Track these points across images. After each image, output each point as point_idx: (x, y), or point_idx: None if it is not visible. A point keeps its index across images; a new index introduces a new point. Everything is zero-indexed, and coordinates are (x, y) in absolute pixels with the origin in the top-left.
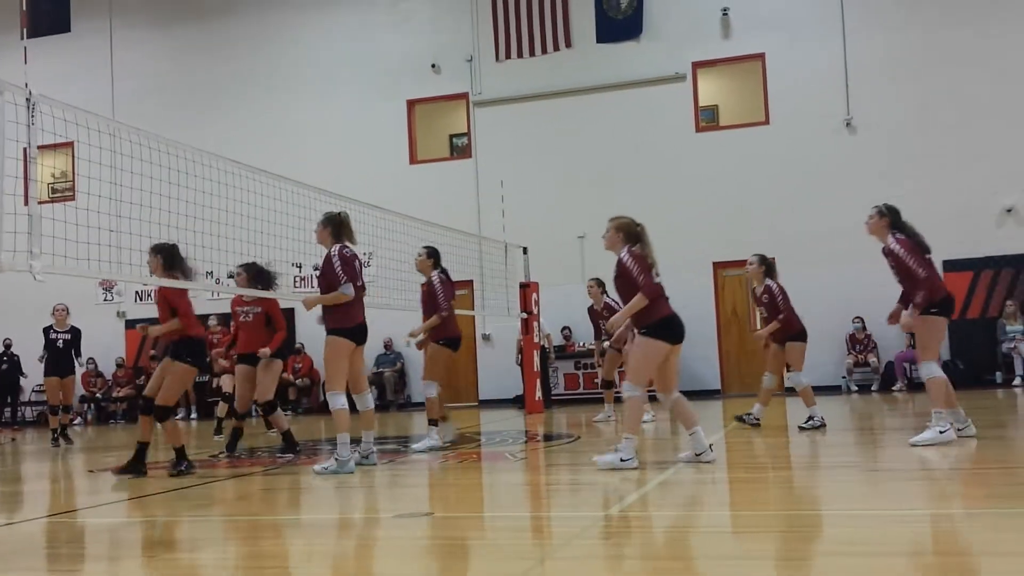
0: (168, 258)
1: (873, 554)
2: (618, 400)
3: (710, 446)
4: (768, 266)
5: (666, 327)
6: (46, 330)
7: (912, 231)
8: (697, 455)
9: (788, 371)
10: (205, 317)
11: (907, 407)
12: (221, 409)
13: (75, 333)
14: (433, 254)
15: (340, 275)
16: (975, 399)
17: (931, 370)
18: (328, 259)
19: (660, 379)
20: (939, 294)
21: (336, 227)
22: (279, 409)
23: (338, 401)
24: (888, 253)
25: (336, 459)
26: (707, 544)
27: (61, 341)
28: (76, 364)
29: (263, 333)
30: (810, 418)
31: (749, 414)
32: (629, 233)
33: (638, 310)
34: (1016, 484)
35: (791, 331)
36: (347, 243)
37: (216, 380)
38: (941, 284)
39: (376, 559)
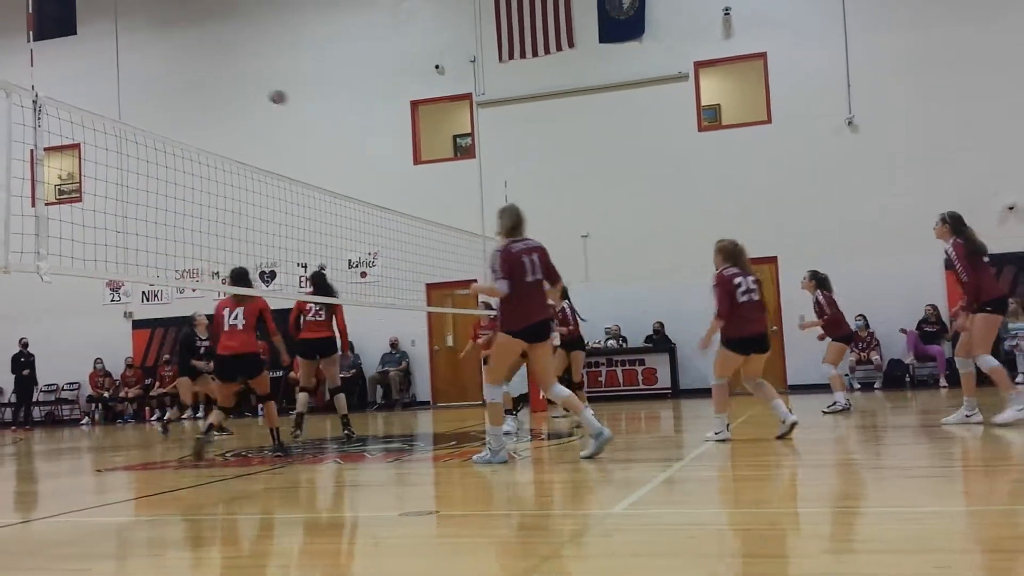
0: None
1: (876, 551)
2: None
3: (789, 411)
4: (818, 280)
5: (742, 343)
6: (189, 336)
7: (971, 236)
8: (783, 421)
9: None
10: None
11: (910, 405)
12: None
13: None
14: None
15: (496, 272)
16: (977, 396)
17: (988, 362)
18: (492, 255)
19: (746, 372)
20: (990, 294)
21: (504, 219)
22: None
23: (495, 394)
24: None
25: (489, 448)
26: (709, 542)
27: (203, 348)
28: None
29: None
30: (834, 403)
31: (835, 404)
32: (727, 255)
33: (724, 325)
34: (1019, 481)
35: (837, 332)
36: (518, 239)
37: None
38: (993, 285)
39: (382, 557)
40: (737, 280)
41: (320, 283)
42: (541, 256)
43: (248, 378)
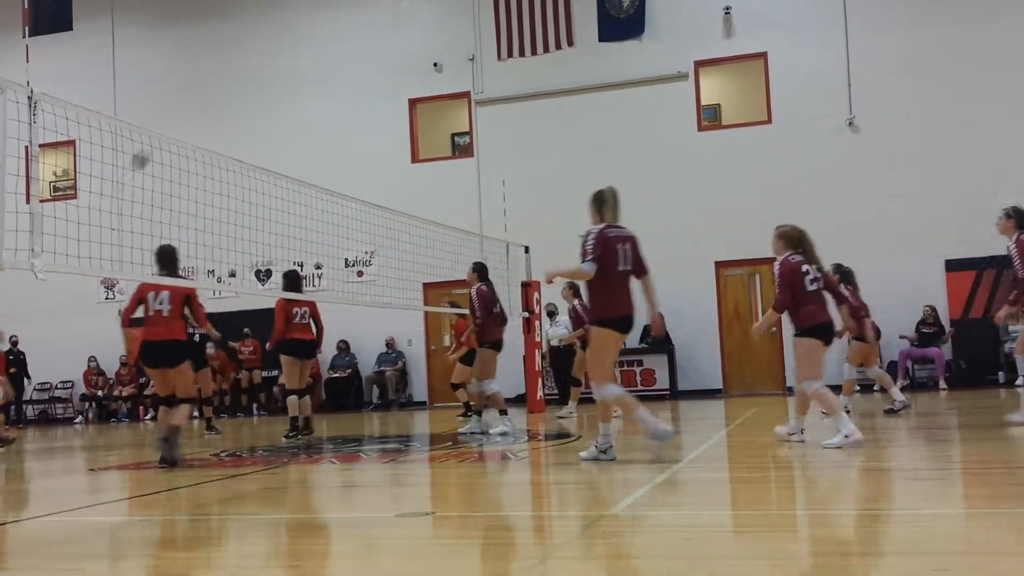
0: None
1: (874, 554)
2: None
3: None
4: (842, 274)
5: (818, 331)
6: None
7: None
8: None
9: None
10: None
11: (910, 407)
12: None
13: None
14: (477, 268)
15: (587, 253)
16: (978, 399)
17: None
18: (584, 239)
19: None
20: None
21: (598, 204)
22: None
23: (605, 392)
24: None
25: (595, 446)
26: (708, 543)
27: (198, 336)
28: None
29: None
30: (894, 399)
31: (893, 402)
32: (790, 240)
33: (796, 317)
34: (1019, 484)
35: (856, 332)
36: (612, 224)
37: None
38: None
39: (378, 558)
40: (805, 268)
41: (296, 281)
42: (632, 246)
43: (167, 367)
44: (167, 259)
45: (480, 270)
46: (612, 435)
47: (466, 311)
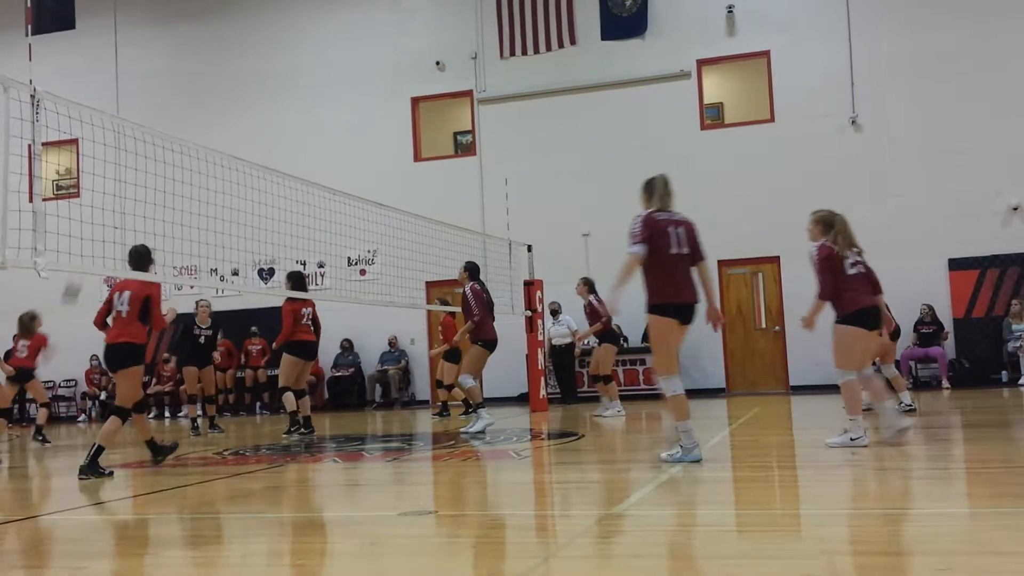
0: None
1: (877, 553)
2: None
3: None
4: None
5: (860, 317)
6: (189, 326)
7: None
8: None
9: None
10: (215, 315)
11: (914, 406)
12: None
13: (215, 329)
14: (469, 268)
15: (634, 236)
16: (980, 398)
17: None
18: (631, 225)
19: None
20: None
21: (648, 190)
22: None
23: (672, 386)
24: None
25: (681, 446)
26: (710, 543)
27: (203, 337)
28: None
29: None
30: (900, 401)
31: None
32: (827, 225)
33: (836, 303)
34: (1021, 483)
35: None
36: (660, 208)
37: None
38: None
39: (380, 557)
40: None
41: (300, 281)
42: (688, 230)
43: (112, 370)
44: (137, 260)
45: (472, 269)
46: (693, 435)
47: (455, 309)
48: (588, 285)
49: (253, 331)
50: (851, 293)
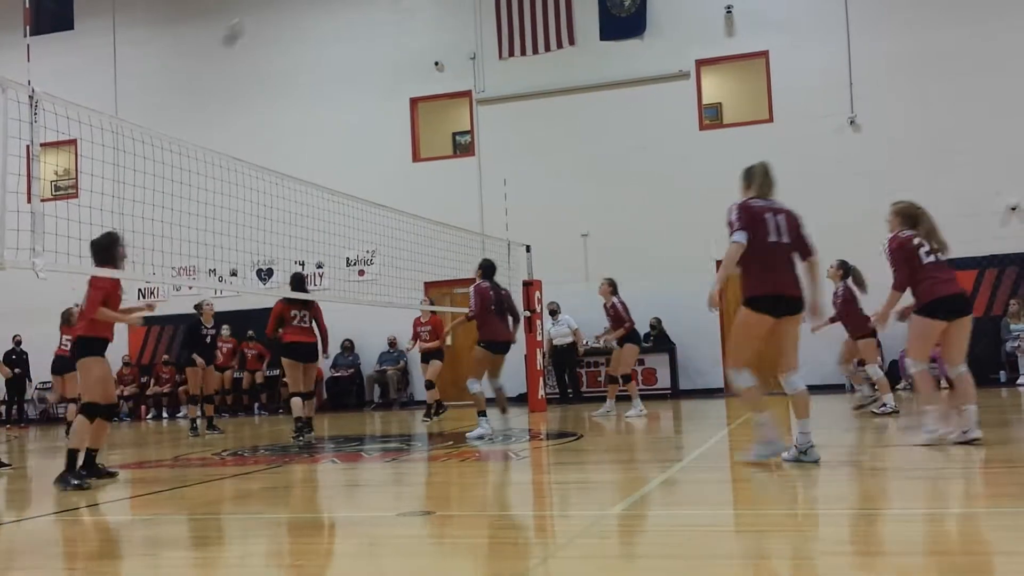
0: None
1: (875, 553)
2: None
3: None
4: (845, 270)
5: (938, 306)
6: (195, 326)
7: None
8: (963, 432)
9: (861, 365)
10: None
11: (911, 406)
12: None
13: (218, 328)
14: (482, 266)
15: (732, 225)
16: (979, 398)
17: None
18: (728, 214)
19: (946, 353)
20: None
21: (747, 178)
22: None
23: (742, 379)
24: None
25: (759, 442)
26: (709, 543)
27: (209, 337)
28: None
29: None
30: (883, 404)
31: (884, 406)
32: (906, 217)
33: (915, 292)
34: (1019, 483)
35: (861, 329)
36: (758, 196)
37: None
38: None
39: (379, 557)
40: (916, 240)
41: (299, 283)
42: (789, 219)
43: (73, 366)
44: (97, 253)
45: (485, 267)
46: (771, 426)
47: (444, 309)
48: (613, 286)
49: (250, 335)
50: (928, 282)
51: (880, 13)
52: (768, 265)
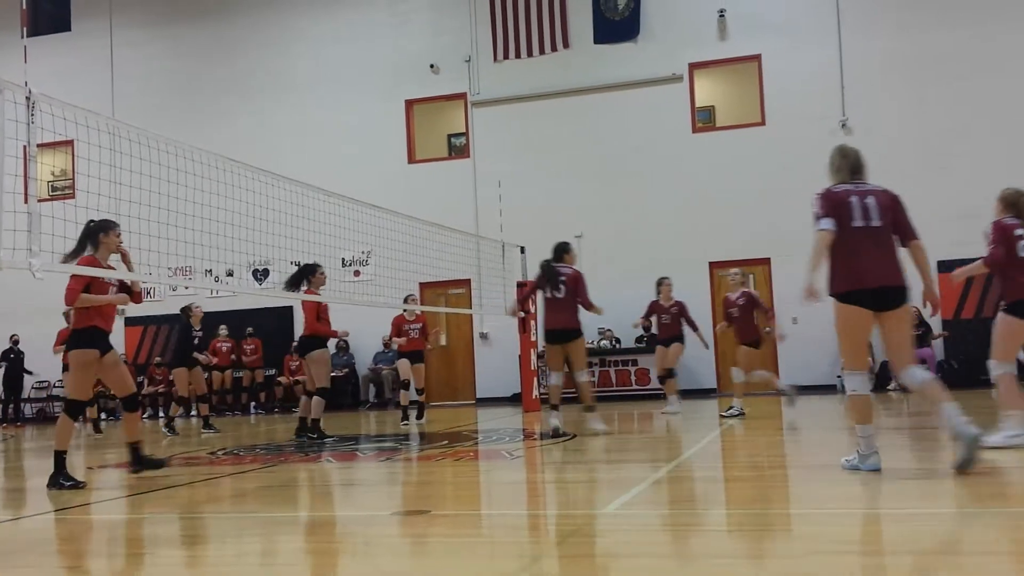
0: None
1: (865, 553)
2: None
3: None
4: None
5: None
6: (186, 329)
7: None
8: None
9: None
10: (206, 315)
11: (901, 407)
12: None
13: (214, 328)
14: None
15: (816, 214)
16: (969, 399)
17: None
18: (813, 200)
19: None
20: None
21: (830, 164)
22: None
23: (853, 383)
24: None
25: (858, 452)
26: (702, 542)
27: (197, 339)
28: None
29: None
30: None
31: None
32: (1008, 204)
33: (1005, 288)
34: (1008, 484)
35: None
36: (842, 183)
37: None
38: None
39: (373, 557)
40: (1018, 231)
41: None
42: (882, 200)
43: None
44: (85, 233)
45: (555, 249)
46: (875, 438)
47: (430, 309)
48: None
49: (249, 332)
50: (1020, 279)
51: (872, 16)
52: (853, 254)
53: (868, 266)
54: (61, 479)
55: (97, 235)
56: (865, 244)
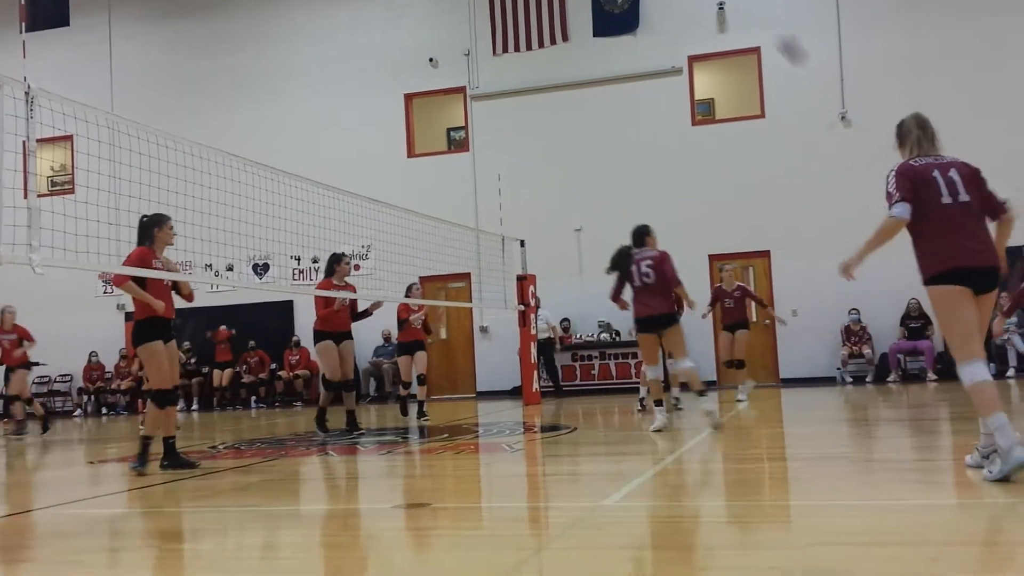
0: None
1: (865, 544)
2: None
3: None
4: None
5: None
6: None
7: None
8: None
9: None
10: (206, 309)
11: (901, 398)
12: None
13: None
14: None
15: (891, 195)
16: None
17: None
18: (887, 178)
19: None
20: None
21: (902, 137)
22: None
23: (970, 373)
24: None
25: (996, 451)
26: (702, 534)
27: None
28: None
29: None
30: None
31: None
32: None
33: None
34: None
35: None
36: (920, 156)
37: None
38: None
39: (374, 549)
40: None
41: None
42: (966, 174)
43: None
44: (140, 228)
45: (634, 235)
46: (1009, 430)
47: (430, 302)
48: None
49: (251, 345)
50: None
51: (872, 9)
52: (946, 233)
53: (969, 244)
54: (171, 461)
55: (152, 229)
56: (959, 221)
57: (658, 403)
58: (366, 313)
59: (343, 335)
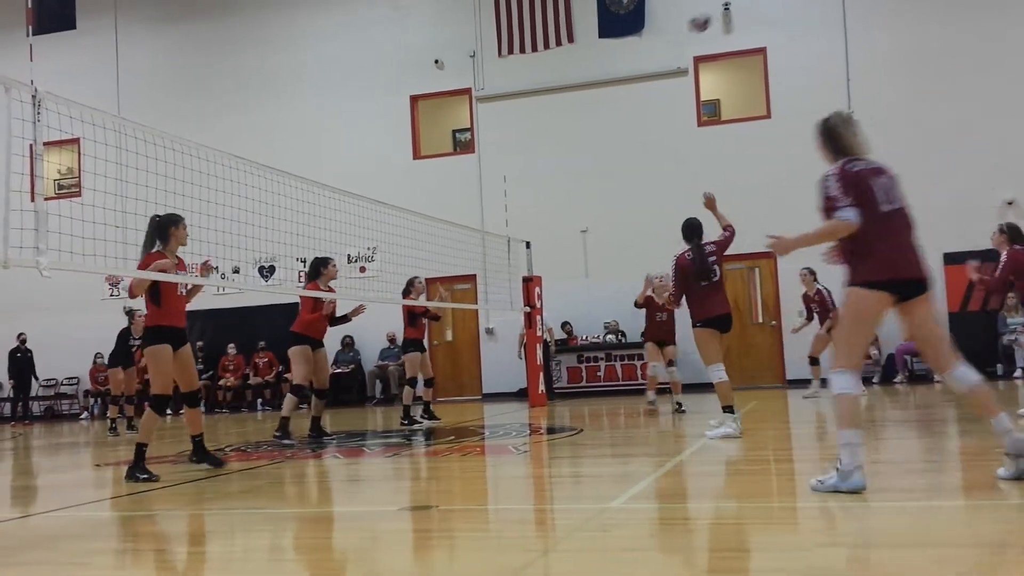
0: None
1: (872, 545)
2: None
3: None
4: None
5: None
6: (124, 335)
7: None
8: None
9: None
10: (212, 312)
11: (907, 399)
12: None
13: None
14: (682, 228)
15: (834, 199)
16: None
17: None
18: (821, 185)
19: None
20: None
21: (833, 140)
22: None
23: (841, 383)
24: None
25: (837, 468)
26: (707, 536)
27: (135, 347)
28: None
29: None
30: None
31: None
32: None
33: None
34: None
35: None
36: (857, 157)
37: None
38: None
39: (380, 552)
40: None
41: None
42: (893, 177)
43: None
44: (153, 228)
45: (683, 229)
46: (859, 451)
47: (436, 304)
48: (814, 275)
49: (261, 345)
50: None
51: (877, 9)
52: (887, 238)
53: (909, 255)
54: (137, 472)
55: (167, 229)
56: (899, 229)
57: (728, 408)
58: (345, 318)
59: (319, 343)
